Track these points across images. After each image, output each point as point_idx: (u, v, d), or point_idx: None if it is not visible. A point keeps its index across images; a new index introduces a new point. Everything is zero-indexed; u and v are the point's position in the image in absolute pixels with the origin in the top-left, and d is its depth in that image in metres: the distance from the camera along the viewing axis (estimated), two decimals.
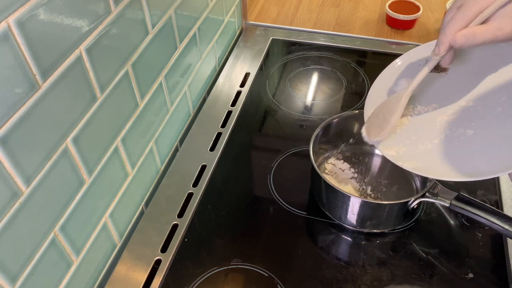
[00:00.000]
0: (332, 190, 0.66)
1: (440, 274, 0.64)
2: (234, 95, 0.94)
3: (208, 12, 0.89)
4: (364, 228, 0.68)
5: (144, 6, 0.65)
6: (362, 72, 0.99)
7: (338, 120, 0.75)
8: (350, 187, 0.73)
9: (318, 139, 0.73)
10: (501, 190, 0.74)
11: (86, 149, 0.57)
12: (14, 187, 0.46)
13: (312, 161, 0.68)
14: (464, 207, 0.62)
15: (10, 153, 0.45)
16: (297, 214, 0.72)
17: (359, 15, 1.16)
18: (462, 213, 0.62)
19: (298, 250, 0.68)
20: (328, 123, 0.74)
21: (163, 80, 0.75)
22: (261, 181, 0.77)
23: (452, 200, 0.62)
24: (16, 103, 0.44)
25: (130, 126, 0.67)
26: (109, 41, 0.58)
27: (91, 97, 0.57)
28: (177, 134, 0.86)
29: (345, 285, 0.63)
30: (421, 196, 0.64)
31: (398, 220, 0.68)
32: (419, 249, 0.67)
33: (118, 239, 0.70)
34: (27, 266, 0.50)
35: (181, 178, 0.78)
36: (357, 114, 0.75)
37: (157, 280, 0.64)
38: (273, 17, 1.16)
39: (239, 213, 0.73)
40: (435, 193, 0.64)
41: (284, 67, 1.01)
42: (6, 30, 0.42)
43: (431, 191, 0.64)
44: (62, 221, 0.55)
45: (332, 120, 0.74)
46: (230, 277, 0.65)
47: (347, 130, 0.76)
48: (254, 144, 0.86)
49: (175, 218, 0.72)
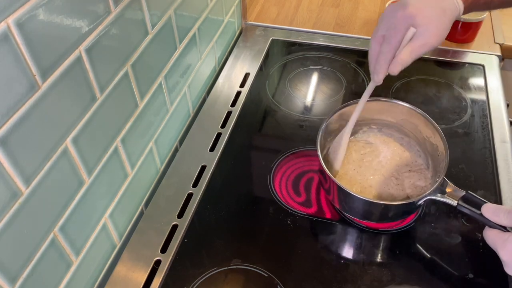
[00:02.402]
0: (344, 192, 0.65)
1: (440, 274, 0.64)
2: (234, 95, 0.94)
3: (207, 12, 0.89)
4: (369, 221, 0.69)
5: (144, 6, 0.65)
6: (362, 72, 0.99)
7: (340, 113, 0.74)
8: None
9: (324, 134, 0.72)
10: (501, 190, 0.74)
11: (86, 150, 0.57)
12: (13, 187, 0.46)
13: (321, 161, 0.68)
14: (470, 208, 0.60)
15: (9, 153, 0.45)
16: (297, 214, 0.72)
17: (358, 15, 1.16)
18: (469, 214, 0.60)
19: (298, 250, 0.68)
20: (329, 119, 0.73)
21: (162, 80, 0.75)
22: (261, 181, 0.77)
23: (459, 200, 0.61)
24: (15, 104, 0.44)
25: (129, 127, 0.67)
26: (108, 41, 0.58)
27: (91, 97, 0.57)
28: (176, 135, 0.86)
29: (345, 285, 0.63)
30: (430, 194, 0.63)
31: (404, 216, 0.69)
32: (419, 249, 0.67)
33: (118, 240, 0.70)
34: (26, 266, 0.50)
35: (181, 178, 0.78)
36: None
37: (156, 280, 0.64)
38: (273, 17, 1.16)
39: (239, 214, 0.73)
40: (443, 190, 0.63)
41: (284, 67, 1.01)
42: (6, 30, 0.42)
43: (440, 187, 0.63)
44: (62, 221, 0.55)
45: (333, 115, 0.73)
46: (230, 278, 0.65)
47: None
48: (254, 145, 0.86)
49: (175, 219, 0.72)
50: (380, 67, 0.60)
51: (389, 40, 0.59)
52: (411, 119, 0.74)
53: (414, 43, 0.58)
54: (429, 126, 0.71)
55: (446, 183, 0.63)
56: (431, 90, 0.93)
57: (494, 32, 1.07)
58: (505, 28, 1.08)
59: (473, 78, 0.96)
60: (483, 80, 0.95)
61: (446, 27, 0.59)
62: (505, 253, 0.54)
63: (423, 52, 0.59)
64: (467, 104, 0.90)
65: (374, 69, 0.62)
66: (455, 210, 0.62)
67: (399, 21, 0.58)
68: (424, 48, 0.59)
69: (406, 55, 0.59)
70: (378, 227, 0.70)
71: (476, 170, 0.77)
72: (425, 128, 0.72)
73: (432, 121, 0.71)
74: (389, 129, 0.77)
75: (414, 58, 0.59)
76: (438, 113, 0.87)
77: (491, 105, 0.89)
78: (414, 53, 0.59)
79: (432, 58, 1.01)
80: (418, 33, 0.58)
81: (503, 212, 0.56)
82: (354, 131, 0.76)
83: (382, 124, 0.77)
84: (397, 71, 0.60)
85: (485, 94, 0.91)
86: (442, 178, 0.63)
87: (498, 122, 0.85)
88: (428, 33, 0.58)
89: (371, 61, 0.62)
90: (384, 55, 0.60)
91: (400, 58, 0.59)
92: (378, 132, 0.78)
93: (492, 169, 0.77)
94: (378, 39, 0.61)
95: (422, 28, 0.58)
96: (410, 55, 0.59)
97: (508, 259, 0.54)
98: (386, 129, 0.78)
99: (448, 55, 1.02)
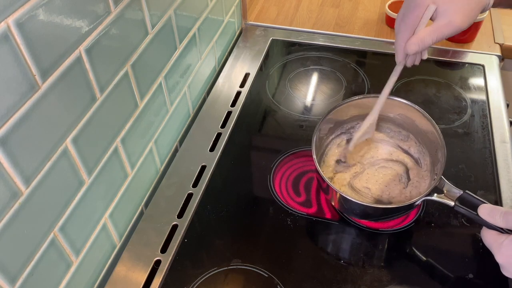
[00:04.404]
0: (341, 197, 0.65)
1: (440, 274, 0.64)
2: (234, 95, 0.94)
3: (207, 13, 0.89)
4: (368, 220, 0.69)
5: (144, 6, 0.65)
6: (361, 72, 0.99)
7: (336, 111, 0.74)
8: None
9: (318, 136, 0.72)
10: (501, 190, 0.74)
11: (86, 150, 0.57)
12: (13, 187, 0.46)
13: (316, 162, 0.68)
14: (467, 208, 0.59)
15: (9, 153, 0.45)
16: (297, 215, 0.72)
17: (358, 16, 1.16)
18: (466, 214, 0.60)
19: (298, 250, 0.68)
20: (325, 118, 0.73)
21: (162, 80, 0.75)
22: (261, 181, 0.77)
23: (456, 201, 0.61)
24: (15, 104, 0.44)
25: (129, 127, 0.67)
26: (108, 41, 0.58)
27: (91, 97, 0.57)
28: (176, 135, 0.86)
29: (345, 285, 0.63)
30: (427, 195, 0.62)
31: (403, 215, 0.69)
32: (419, 249, 0.67)
33: (118, 240, 0.70)
34: (26, 266, 0.50)
35: (181, 178, 0.78)
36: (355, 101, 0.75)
37: (156, 280, 0.64)
38: (273, 18, 1.16)
39: (239, 214, 0.73)
40: (441, 189, 0.62)
41: (283, 67, 1.01)
42: (6, 30, 0.42)
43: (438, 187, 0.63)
44: (62, 221, 0.55)
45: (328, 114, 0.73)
46: (230, 278, 0.65)
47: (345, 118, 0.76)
48: (254, 145, 0.86)
49: (174, 219, 0.72)
50: (398, 45, 0.57)
51: (406, 19, 0.55)
52: (408, 113, 0.73)
53: (437, 23, 0.54)
54: (427, 122, 0.71)
55: (444, 182, 0.63)
56: (431, 90, 0.93)
57: (494, 32, 1.07)
58: (505, 28, 1.08)
59: (473, 78, 0.96)
60: (483, 80, 0.95)
61: (472, 8, 0.53)
62: (500, 256, 0.53)
63: (447, 34, 0.54)
64: (467, 104, 0.90)
65: (395, 48, 0.58)
66: (455, 210, 0.62)
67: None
68: (449, 28, 0.53)
69: (425, 34, 0.54)
70: (378, 227, 0.70)
71: (476, 170, 0.77)
72: (423, 124, 0.72)
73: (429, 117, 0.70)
74: (387, 123, 0.77)
75: (436, 39, 0.54)
76: (438, 113, 0.87)
77: (491, 105, 0.89)
78: (435, 33, 0.54)
79: (432, 58, 1.01)
80: (441, 11, 0.53)
81: (499, 214, 0.55)
82: (350, 128, 0.76)
83: (379, 119, 0.76)
84: (412, 51, 0.55)
85: (485, 94, 0.91)
86: (439, 178, 0.63)
87: (498, 122, 0.85)
88: (451, 11, 0.53)
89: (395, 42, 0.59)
90: (401, 34, 0.56)
91: (417, 37, 0.54)
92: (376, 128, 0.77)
93: (492, 169, 0.77)
94: (398, 19, 0.57)
95: (445, 6, 0.53)
96: (431, 35, 0.54)
97: (504, 262, 0.53)
98: (384, 123, 0.77)
99: (448, 55, 1.02)
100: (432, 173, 0.69)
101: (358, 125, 0.77)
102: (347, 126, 0.77)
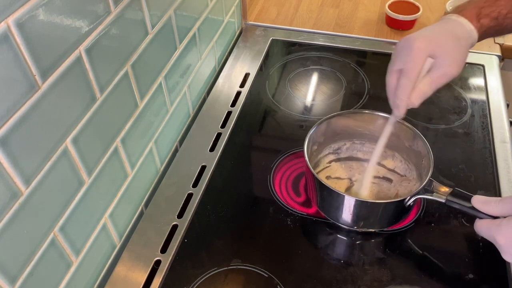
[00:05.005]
0: (326, 189, 0.65)
1: (440, 274, 0.64)
2: (234, 95, 0.94)
3: (207, 13, 0.89)
4: (360, 228, 0.68)
5: (144, 6, 0.65)
6: (361, 72, 0.99)
7: (335, 119, 0.74)
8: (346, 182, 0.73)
9: (313, 138, 0.72)
10: (501, 190, 0.74)
11: (86, 150, 0.57)
12: (13, 187, 0.46)
13: (307, 159, 0.68)
14: (459, 202, 0.61)
15: (9, 153, 0.45)
16: (297, 215, 0.72)
17: (358, 16, 1.16)
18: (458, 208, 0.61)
19: (298, 250, 0.68)
20: (324, 121, 0.73)
21: (162, 80, 0.75)
22: (261, 181, 0.77)
23: (447, 196, 0.62)
24: (15, 104, 0.44)
25: (129, 127, 0.67)
26: (108, 41, 0.58)
27: (91, 97, 0.57)
28: (176, 135, 0.86)
29: (345, 285, 0.63)
30: (417, 193, 0.64)
31: (396, 218, 0.68)
32: (419, 249, 0.67)
33: (118, 240, 0.70)
34: (26, 266, 0.50)
35: (181, 178, 0.78)
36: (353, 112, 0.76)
37: (156, 280, 0.64)
38: (273, 18, 1.16)
39: (239, 214, 0.73)
40: (430, 190, 0.64)
41: (283, 67, 1.01)
42: (6, 30, 0.42)
43: (427, 188, 0.64)
44: (62, 221, 0.55)
45: (329, 119, 0.73)
46: (230, 278, 0.65)
47: (344, 128, 0.76)
48: (254, 145, 0.86)
49: (174, 219, 0.72)
50: (401, 101, 0.59)
51: (408, 74, 0.58)
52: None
53: (433, 74, 0.58)
54: (409, 132, 0.71)
55: (432, 182, 0.64)
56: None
57: None
58: None
59: (473, 78, 0.96)
60: (483, 80, 0.95)
61: (463, 56, 0.59)
62: (501, 237, 0.53)
63: (443, 83, 0.59)
64: (467, 104, 0.90)
65: (394, 104, 0.61)
66: (455, 209, 0.62)
67: (416, 54, 0.57)
68: (444, 78, 0.58)
69: (426, 86, 0.58)
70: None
71: (476, 170, 0.77)
72: (406, 135, 0.71)
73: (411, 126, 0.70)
74: (371, 143, 0.76)
75: (435, 89, 0.59)
76: (438, 113, 0.87)
77: (491, 105, 0.89)
78: (434, 84, 0.58)
79: None
80: (437, 63, 0.58)
81: (493, 202, 0.56)
82: (337, 148, 0.77)
83: (364, 137, 0.77)
84: (418, 103, 0.59)
85: (485, 94, 0.91)
86: (428, 179, 0.64)
87: (498, 122, 0.85)
88: (447, 63, 0.57)
89: (390, 95, 0.61)
90: (404, 89, 0.58)
91: (420, 91, 0.58)
92: (362, 147, 0.77)
93: (492, 169, 0.77)
94: (395, 74, 0.60)
95: (441, 58, 0.57)
96: (430, 86, 0.58)
97: (505, 243, 0.53)
98: (369, 143, 0.76)
99: None
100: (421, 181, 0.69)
101: (345, 146, 0.77)
102: (335, 146, 0.77)
